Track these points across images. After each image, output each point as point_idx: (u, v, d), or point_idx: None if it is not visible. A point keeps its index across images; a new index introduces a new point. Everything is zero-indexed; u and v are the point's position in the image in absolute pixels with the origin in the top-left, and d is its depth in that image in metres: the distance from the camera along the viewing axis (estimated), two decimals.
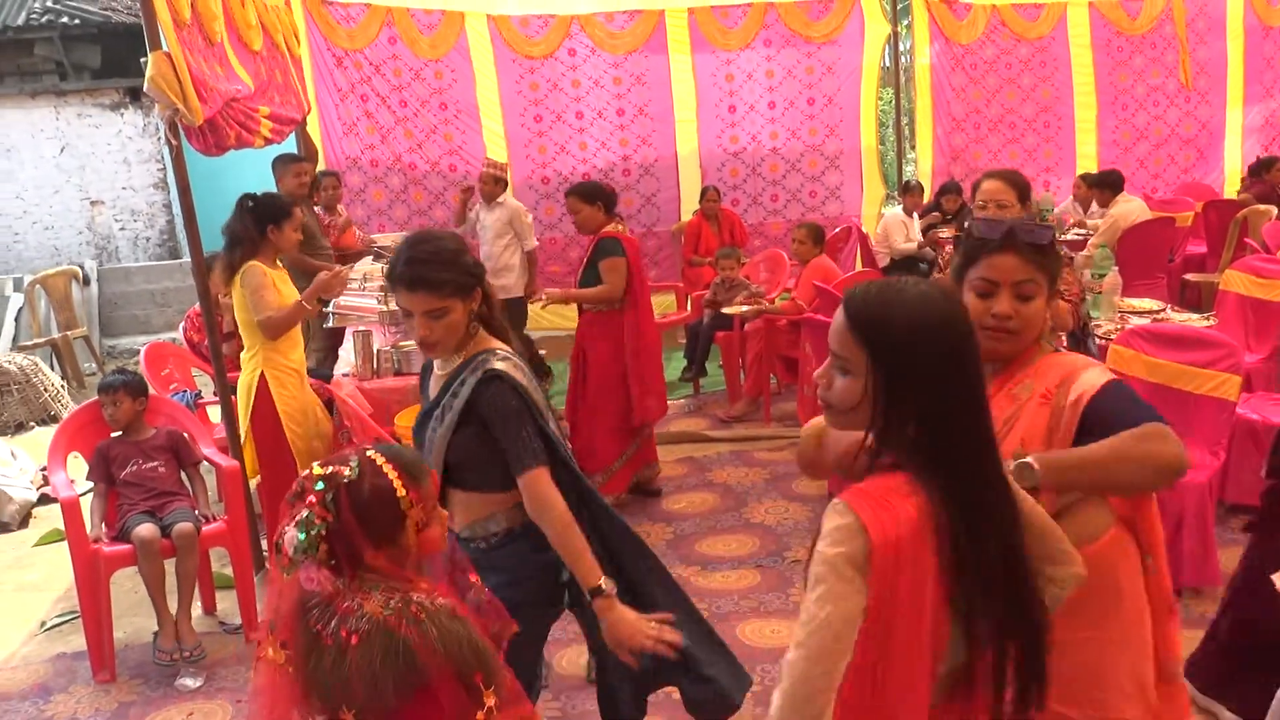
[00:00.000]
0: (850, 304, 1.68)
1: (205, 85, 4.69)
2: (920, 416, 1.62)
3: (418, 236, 2.60)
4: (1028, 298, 2.14)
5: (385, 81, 9.00)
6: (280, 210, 4.82)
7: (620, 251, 5.46)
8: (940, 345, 1.62)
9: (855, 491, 1.61)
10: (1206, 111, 10.92)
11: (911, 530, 1.57)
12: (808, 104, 10.03)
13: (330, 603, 1.87)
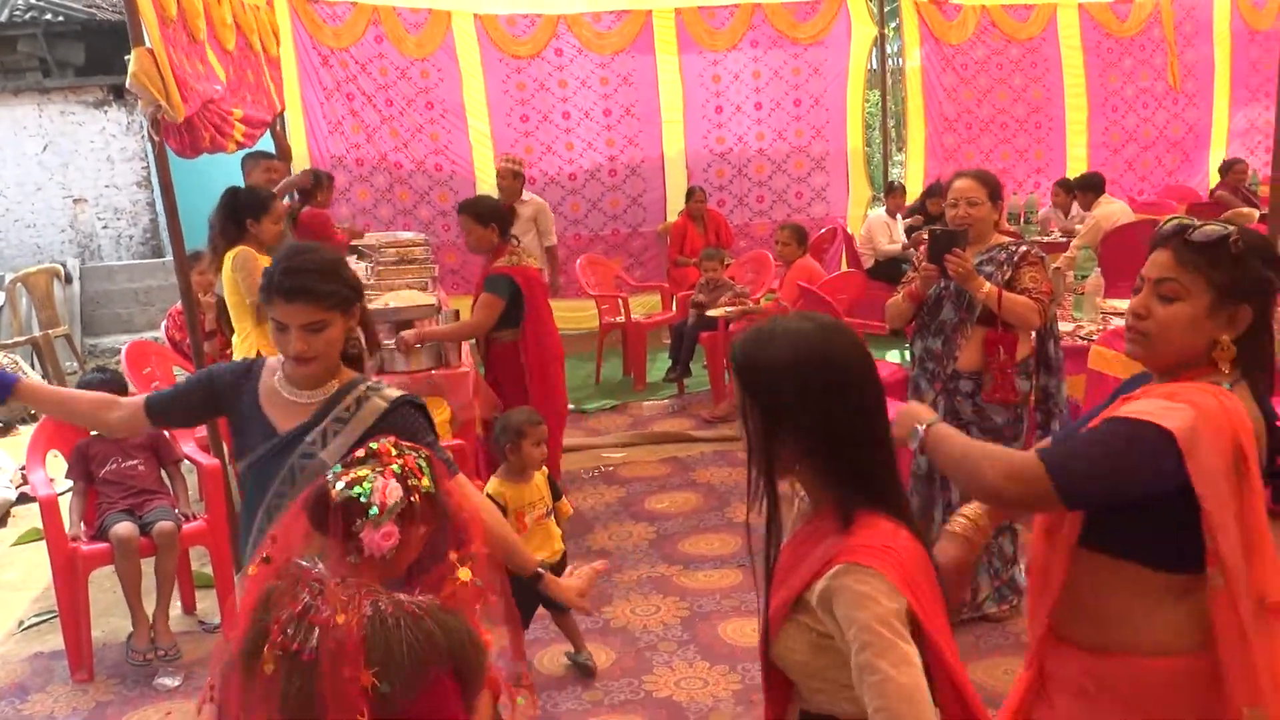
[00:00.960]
0: (733, 349, 1.74)
1: (186, 84, 4.68)
2: (811, 452, 1.67)
3: (298, 247, 2.51)
4: (1168, 299, 1.89)
5: (371, 80, 8.98)
6: (260, 203, 4.89)
7: (502, 292, 5.13)
8: (811, 380, 1.64)
9: (852, 548, 1.61)
10: (1194, 114, 10.97)
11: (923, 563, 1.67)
12: (794, 105, 10.04)
13: (303, 617, 1.81)
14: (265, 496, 2.39)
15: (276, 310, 2.37)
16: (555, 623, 4.08)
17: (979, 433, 3.96)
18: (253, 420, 2.44)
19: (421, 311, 5.38)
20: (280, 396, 2.45)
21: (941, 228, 3.99)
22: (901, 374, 5.94)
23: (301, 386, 2.44)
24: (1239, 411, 1.79)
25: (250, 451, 2.45)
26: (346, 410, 2.40)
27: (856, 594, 1.56)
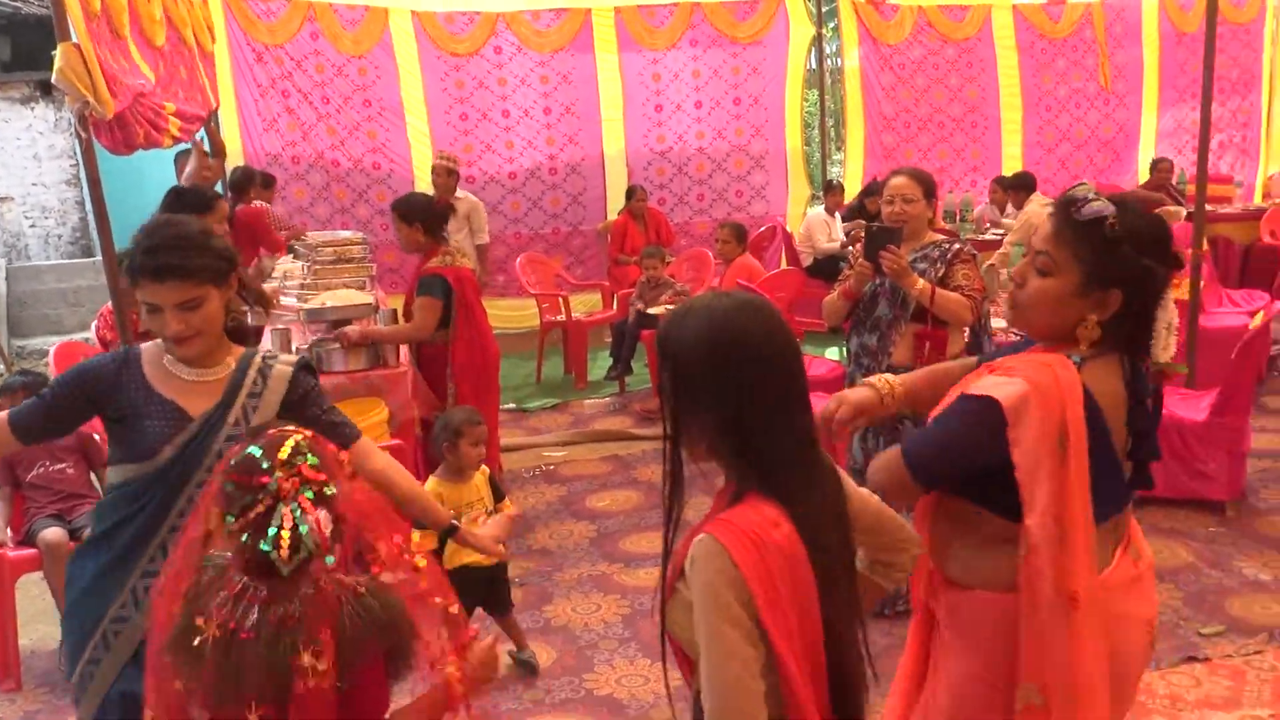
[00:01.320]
0: (660, 326, 1.72)
1: (115, 79, 4.59)
2: (719, 432, 1.62)
3: (158, 222, 2.35)
4: (1042, 272, 1.93)
5: (307, 77, 8.87)
6: (204, 203, 4.88)
7: (437, 293, 5.09)
8: (720, 357, 1.60)
9: (718, 521, 1.58)
10: (1124, 114, 11.21)
11: (785, 555, 1.57)
12: (734, 104, 10.10)
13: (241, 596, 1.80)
14: (187, 486, 2.26)
15: (146, 292, 2.24)
16: (497, 623, 4.06)
17: (913, 426, 4.01)
18: (151, 407, 2.29)
19: (359, 311, 5.33)
20: (179, 379, 2.33)
21: (878, 225, 4.03)
22: (840, 370, 6.01)
23: (198, 365, 2.33)
24: (1073, 386, 1.83)
25: (162, 441, 2.26)
26: (255, 385, 2.35)
27: (704, 570, 1.55)
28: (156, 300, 2.24)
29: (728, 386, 1.59)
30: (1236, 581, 4.36)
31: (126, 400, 2.30)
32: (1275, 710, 3.45)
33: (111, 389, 2.32)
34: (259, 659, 1.75)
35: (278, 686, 1.75)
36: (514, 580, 4.40)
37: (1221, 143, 11.17)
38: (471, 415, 4.02)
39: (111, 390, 2.32)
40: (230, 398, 2.32)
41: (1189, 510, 4.99)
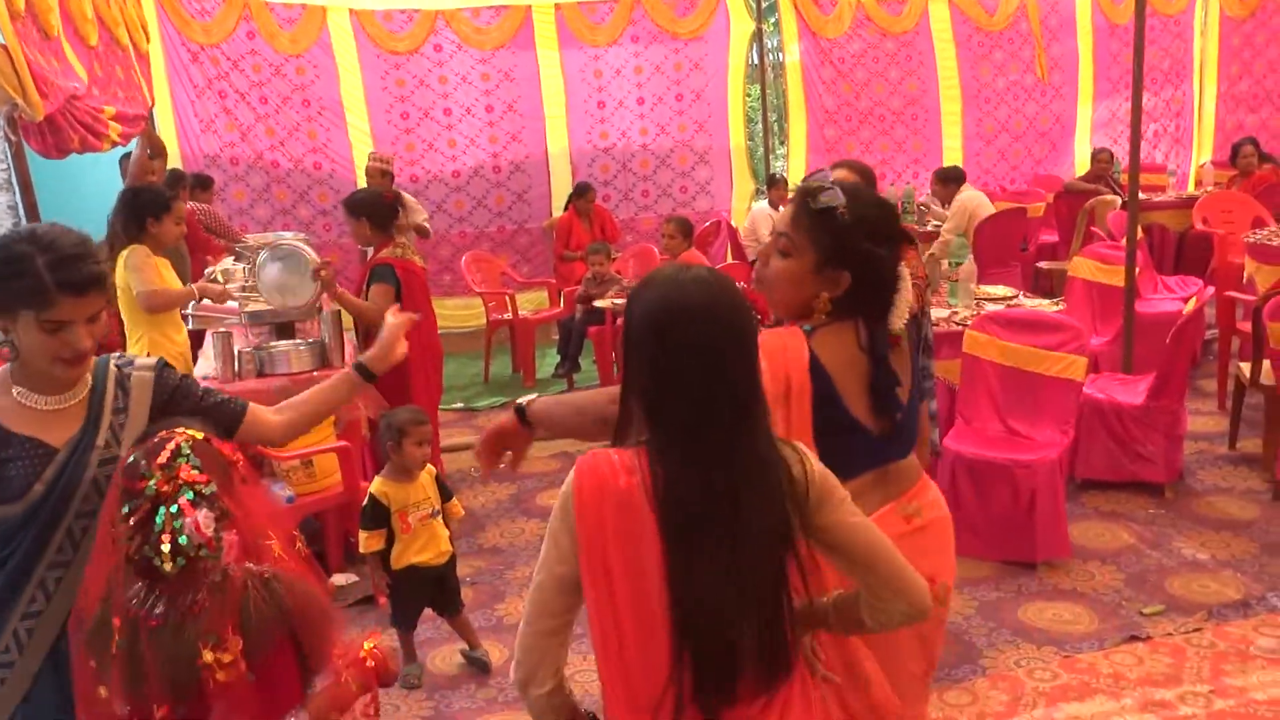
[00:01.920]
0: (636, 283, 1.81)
1: (45, 80, 4.51)
2: (641, 391, 1.69)
3: (51, 230, 2.08)
4: (783, 254, 2.10)
5: (244, 77, 8.76)
6: (160, 204, 4.88)
7: (390, 280, 5.13)
8: (659, 323, 1.66)
9: (589, 454, 1.71)
10: (1060, 105, 11.37)
11: (622, 501, 1.62)
12: (676, 100, 10.12)
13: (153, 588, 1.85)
14: (62, 521, 2.08)
15: (63, 309, 2.01)
16: (449, 623, 4.05)
17: None
18: (10, 450, 2.06)
19: (300, 312, 5.29)
20: (34, 411, 2.10)
21: None
22: None
23: (59, 390, 2.12)
24: (799, 351, 2.00)
25: (29, 480, 2.05)
26: (117, 399, 2.17)
27: (563, 488, 1.70)
28: (73, 316, 2.03)
29: (660, 347, 1.65)
30: (1176, 561, 4.45)
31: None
32: (1215, 686, 3.53)
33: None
34: (163, 649, 1.80)
35: (184, 681, 1.80)
36: (465, 579, 4.39)
37: (1156, 132, 11.38)
38: (416, 415, 4.00)
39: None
40: (94, 419, 2.14)
41: (1129, 493, 5.09)
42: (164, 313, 4.92)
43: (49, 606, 2.07)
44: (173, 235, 4.98)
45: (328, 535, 4.80)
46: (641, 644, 1.63)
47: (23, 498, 2.05)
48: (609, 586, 1.63)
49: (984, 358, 4.85)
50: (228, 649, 1.81)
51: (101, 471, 2.10)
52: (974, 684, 3.65)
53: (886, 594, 1.72)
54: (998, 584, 4.35)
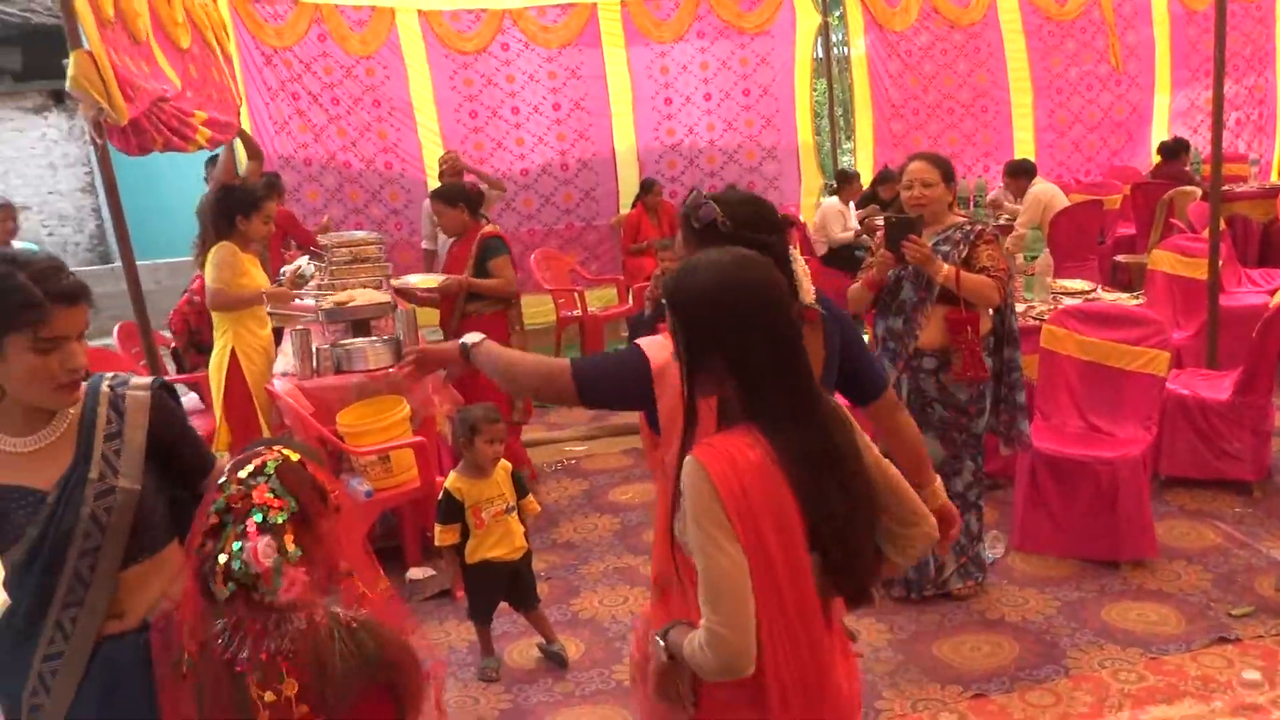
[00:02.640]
0: (665, 282, 1.96)
1: (130, 84, 4.60)
2: (727, 370, 1.83)
3: (19, 252, 2.04)
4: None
5: (316, 79, 8.88)
6: (250, 202, 5.06)
7: (506, 250, 5.61)
8: (724, 306, 1.83)
9: (702, 445, 1.83)
10: (1136, 95, 11.12)
11: (756, 470, 1.78)
12: (743, 95, 10.07)
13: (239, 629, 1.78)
14: (66, 563, 1.96)
15: (58, 322, 1.89)
16: (525, 618, 4.07)
17: (943, 409, 4.01)
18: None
19: (376, 309, 5.35)
20: (10, 456, 1.95)
21: (896, 215, 4.03)
22: None
23: (35, 427, 1.98)
24: None
25: (22, 529, 1.94)
26: (110, 423, 2.01)
27: (689, 486, 1.79)
28: (67, 330, 1.92)
29: (731, 330, 1.82)
30: (1265, 562, 4.33)
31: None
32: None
33: None
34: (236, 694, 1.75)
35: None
36: (540, 575, 4.41)
37: (1238, 120, 11.08)
38: (489, 412, 4.02)
39: None
40: (85, 452, 1.98)
41: (1215, 491, 4.97)
42: (236, 310, 5.05)
43: (69, 646, 1.98)
44: (260, 233, 5.15)
45: (404, 529, 4.86)
46: (793, 582, 1.80)
47: (17, 544, 1.94)
48: (764, 548, 1.76)
49: (1062, 353, 4.77)
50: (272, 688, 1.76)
51: (99, 505, 1.95)
52: (1056, 684, 3.59)
53: (911, 518, 1.99)
54: (1079, 583, 4.28)
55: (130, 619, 2.03)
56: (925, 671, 3.73)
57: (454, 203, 5.62)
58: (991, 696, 3.55)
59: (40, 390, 1.91)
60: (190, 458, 2.13)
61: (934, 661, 3.80)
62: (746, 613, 1.75)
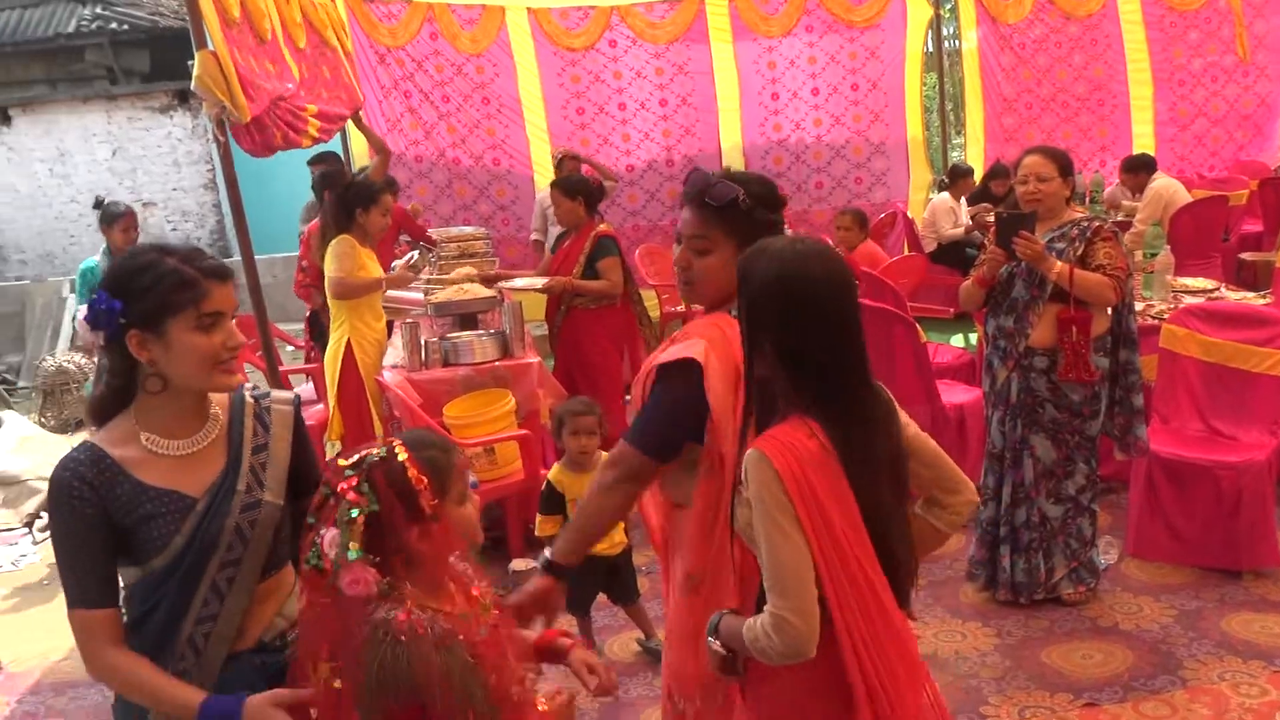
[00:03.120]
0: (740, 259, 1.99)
1: (253, 84, 4.75)
2: (777, 355, 1.88)
3: (158, 242, 2.00)
4: (702, 253, 2.28)
5: (427, 78, 9.05)
6: (368, 196, 5.22)
7: (616, 251, 5.65)
8: (784, 297, 1.87)
9: (763, 438, 1.88)
10: (1265, 86, 10.65)
11: (816, 461, 1.84)
12: (851, 90, 9.94)
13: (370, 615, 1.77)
14: (205, 575, 1.90)
15: (214, 297, 1.88)
16: (625, 611, 4.08)
17: (1055, 410, 3.91)
18: (147, 505, 1.86)
19: (483, 304, 5.44)
20: (167, 458, 1.91)
21: (1009, 211, 3.94)
22: (967, 358, 5.88)
23: (191, 429, 1.94)
24: (736, 333, 2.08)
25: (170, 535, 1.88)
26: (257, 435, 1.99)
27: (754, 478, 1.84)
28: (225, 305, 1.91)
29: (789, 319, 1.87)
30: None
31: (121, 506, 1.86)
32: None
33: (107, 498, 1.85)
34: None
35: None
36: (641, 569, 4.42)
37: None
38: (578, 406, 4.04)
39: (108, 499, 1.85)
40: (234, 461, 1.95)
41: None
42: (356, 299, 5.16)
43: (200, 663, 1.92)
44: (378, 226, 5.29)
45: (509, 521, 4.92)
46: (862, 566, 1.85)
47: (162, 552, 1.88)
48: (832, 534, 1.82)
49: (1183, 354, 4.61)
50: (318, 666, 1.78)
51: (244, 518, 1.92)
52: (1173, 696, 3.47)
53: (954, 486, 2.07)
54: (1198, 592, 4.13)
55: (248, 638, 1.98)
56: (1033, 678, 3.65)
57: (573, 195, 5.68)
58: (1104, 706, 3.45)
59: (206, 372, 1.88)
60: (310, 474, 2.04)
61: (1043, 668, 3.71)
62: (811, 597, 1.80)
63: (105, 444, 1.88)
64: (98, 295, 1.85)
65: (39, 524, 6.14)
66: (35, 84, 13.87)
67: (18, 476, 6.30)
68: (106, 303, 1.84)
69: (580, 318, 5.67)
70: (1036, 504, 4.03)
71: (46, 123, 12.85)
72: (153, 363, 1.86)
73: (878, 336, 5.13)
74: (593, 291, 5.61)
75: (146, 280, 1.84)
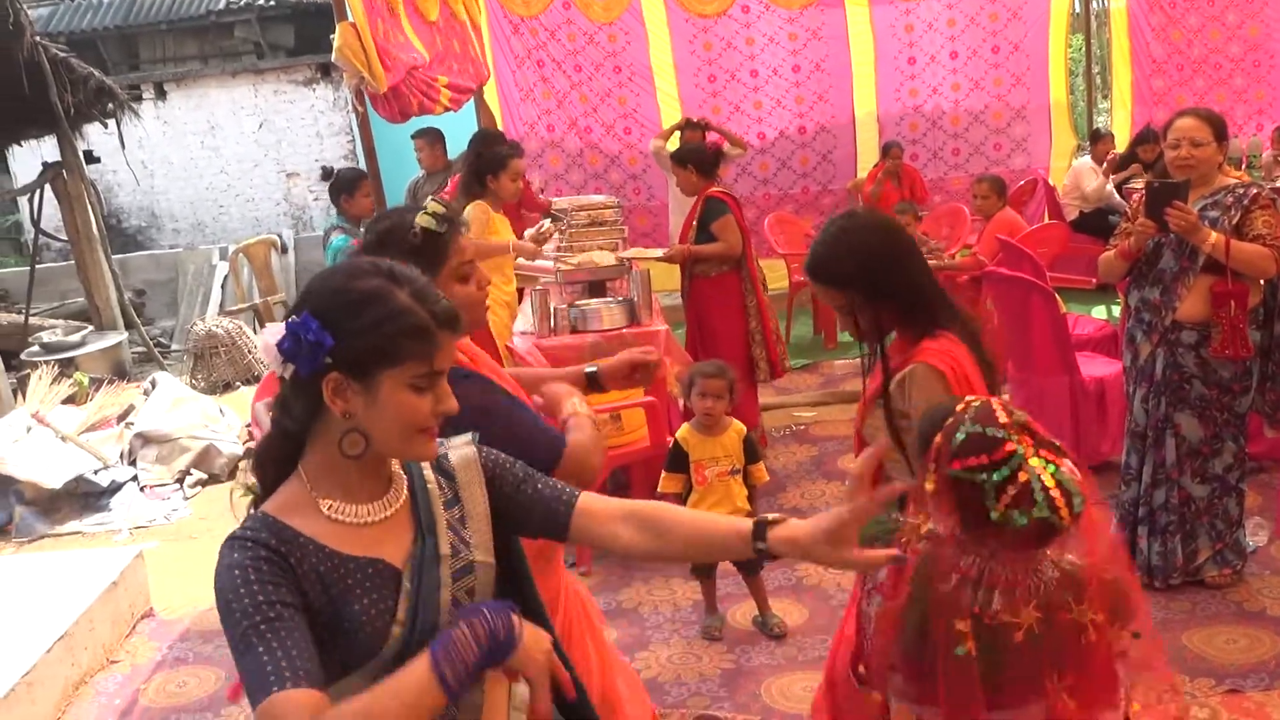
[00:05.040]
0: (809, 269, 2.43)
1: (389, 54, 4.87)
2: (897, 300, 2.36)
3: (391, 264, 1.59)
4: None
5: (560, 47, 9.10)
6: (499, 162, 5.27)
7: (727, 211, 5.56)
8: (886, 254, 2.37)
9: (924, 353, 2.30)
10: None
11: (970, 362, 2.31)
12: (992, 53, 9.60)
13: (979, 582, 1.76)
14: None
15: (442, 355, 1.55)
16: (745, 582, 4.07)
17: (1202, 386, 3.74)
18: (347, 579, 1.52)
19: (610, 272, 5.48)
20: (354, 525, 1.56)
21: (1160, 180, 3.75)
22: (1109, 330, 5.67)
23: (377, 493, 1.60)
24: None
25: (384, 623, 1.53)
26: (442, 490, 1.66)
27: (923, 388, 2.25)
28: (447, 363, 1.57)
29: (897, 272, 2.36)
30: None
31: (316, 579, 1.50)
32: None
33: (297, 569, 1.49)
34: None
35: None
36: None
37: None
38: (708, 367, 4.04)
39: (299, 570, 1.49)
40: (429, 524, 1.61)
41: None
42: (485, 260, 5.25)
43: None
44: (510, 191, 5.35)
45: (633, 487, 4.96)
46: None
47: (383, 647, 1.52)
48: None
49: None
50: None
51: (459, 587, 1.59)
52: None
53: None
54: None
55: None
56: (1172, 662, 3.51)
57: (683, 163, 5.69)
58: (1248, 693, 3.31)
59: (406, 438, 1.55)
60: (544, 490, 1.72)
61: (1183, 652, 3.57)
62: None
63: (280, 508, 1.55)
64: (303, 320, 1.48)
65: (189, 480, 6.45)
66: (188, 60, 14.47)
67: (169, 435, 6.62)
68: (316, 334, 1.48)
69: (701, 287, 5.65)
70: (1179, 484, 3.87)
71: (198, 96, 13.40)
72: (348, 415, 1.52)
73: (1015, 306, 4.98)
74: (710, 255, 5.57)
75: (370, 317, 1.50)
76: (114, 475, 6.32)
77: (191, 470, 6.52)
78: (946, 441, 1.77)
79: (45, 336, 9.06)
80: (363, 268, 1.56)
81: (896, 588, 1.84)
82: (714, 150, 6.04)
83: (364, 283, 1.52)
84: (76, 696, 4.10)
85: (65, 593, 4.37)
